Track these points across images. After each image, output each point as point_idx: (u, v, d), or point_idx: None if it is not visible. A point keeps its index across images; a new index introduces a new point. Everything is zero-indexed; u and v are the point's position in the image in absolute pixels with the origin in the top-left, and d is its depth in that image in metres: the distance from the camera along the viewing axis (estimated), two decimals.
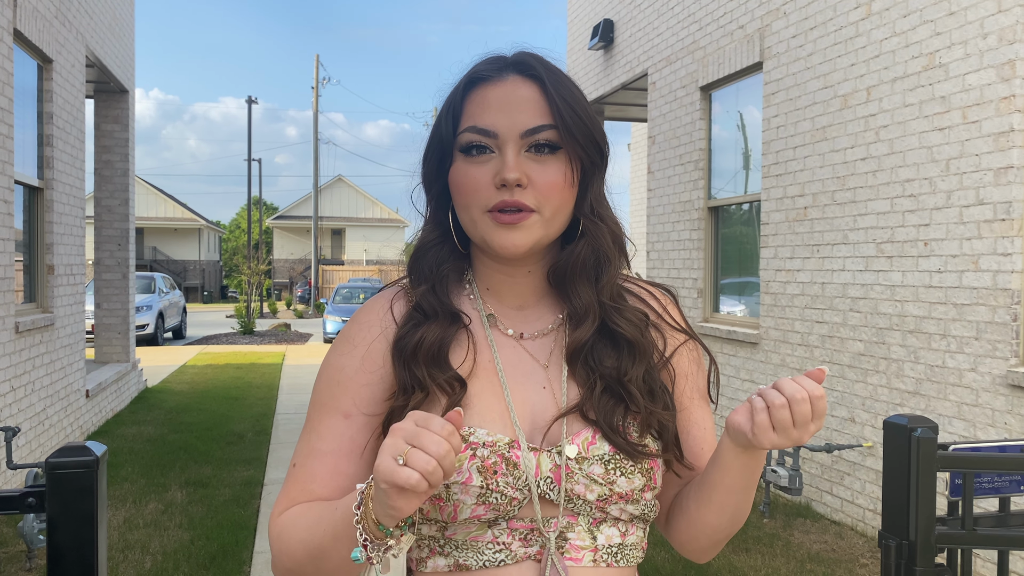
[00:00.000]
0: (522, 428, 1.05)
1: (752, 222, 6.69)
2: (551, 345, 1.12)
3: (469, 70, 1.11)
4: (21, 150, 6.14)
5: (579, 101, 1.09)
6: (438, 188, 1.12)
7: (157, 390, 10.70)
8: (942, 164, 4.50)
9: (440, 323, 1.08)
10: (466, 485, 1.00)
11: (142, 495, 5.68)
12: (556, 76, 1.09)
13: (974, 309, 4.28)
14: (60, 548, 1.40)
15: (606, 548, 1.05)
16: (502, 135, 1.05)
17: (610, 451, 1.04)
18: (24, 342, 5.94)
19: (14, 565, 4.32)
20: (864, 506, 5.10)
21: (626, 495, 1.04)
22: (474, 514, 1.01)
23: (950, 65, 4.45)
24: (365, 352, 1.10)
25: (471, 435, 1.02)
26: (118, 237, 9.57)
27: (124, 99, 9.59)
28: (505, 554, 1.03)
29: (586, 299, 1.10)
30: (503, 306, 1.14)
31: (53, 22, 6.70)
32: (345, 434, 1.07)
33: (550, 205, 1.06)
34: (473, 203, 1.06)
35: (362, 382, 1.08)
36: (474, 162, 1.06)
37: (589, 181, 1.11)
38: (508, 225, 1.05)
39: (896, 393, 4.83)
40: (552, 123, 1.06)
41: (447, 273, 1.12)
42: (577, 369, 1.09)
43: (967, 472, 1.68)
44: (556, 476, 1.02)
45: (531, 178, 1.05)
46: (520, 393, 1.07)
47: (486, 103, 1.07)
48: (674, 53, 7.69)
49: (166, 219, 44.02)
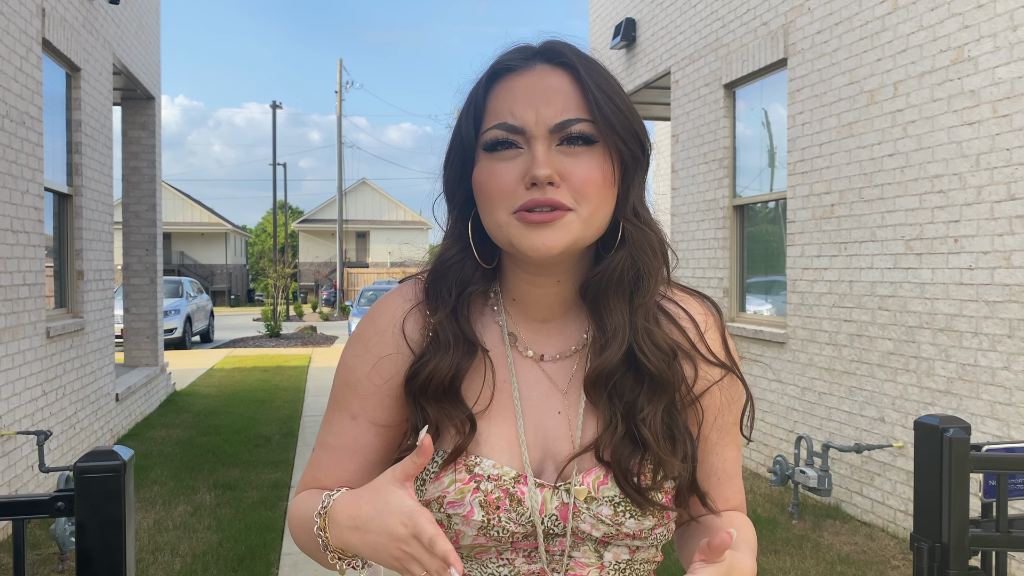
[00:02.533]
0: (532, 458, 0.98)
1: (778, 220, 6.62)
2: (572, 368, 1.03)
3: (492, 61, 1.00)
4: (51, 157, 6.23)
5: (616, 89, 0.98)
6: (461, 195, 1.02)
7: (185, 393, 10.81)
8: (972, 159, 4.42)
9: (454, 354, 0.99)
10: (467, 518, 0.96)
11: (171, 497, 5.73)
12: (589, 63, 0.98)
13: (1006, 306, 4.21)
14: (89, 551, 1.41)
15: (613, 564, 1.00)
16: (529, 130, 0.94)
17: (621, 494, 0.97)
18: (55, 347, 6.03)
19: (47, 567, 4.38)
20: (895, 507, 5.03)
21: (634, 534, 0.98)
22: (475, 542, 0.98)
23: (979, 58, 4.38)
24: (375, 364, 1.04)
25: (476, 466, 0.97)
26: (146, 242, 9.69)
27: (151, 106, 9.71)
28: (508, 569, 0.99)
29: (618, 319, 0.99)
30: (527, 318, 1.04)
31: (81, 31, 6.80)
32: (350, 434, 1.06)
33: (588, 203, 0.94)
34: (499, 205, 0.95)
35: (370, 390, 1.04)
36: (499, 159, 0.95)
37: (631, 179, 0.99)
38: (538, 225, 0.93)
39: (927, 392, 4.76)
40: (587, 116, 0.95)
41: (470, 296, 1.02)
42: (601, 400, 0.99)
43: (1001, 473, 1.65)
44: (562, 514, 0.97)
45: (564, 174, 0.93)
46: (533, 418, 1.00)
47: (512, 96, 0.96)
48: (697, 51, 7.64)
49: (193, 224, 44.51)
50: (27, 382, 5.42)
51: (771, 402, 6.38)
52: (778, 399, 6.30)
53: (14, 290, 5.17)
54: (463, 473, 0.97)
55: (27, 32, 5.50)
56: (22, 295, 5.30)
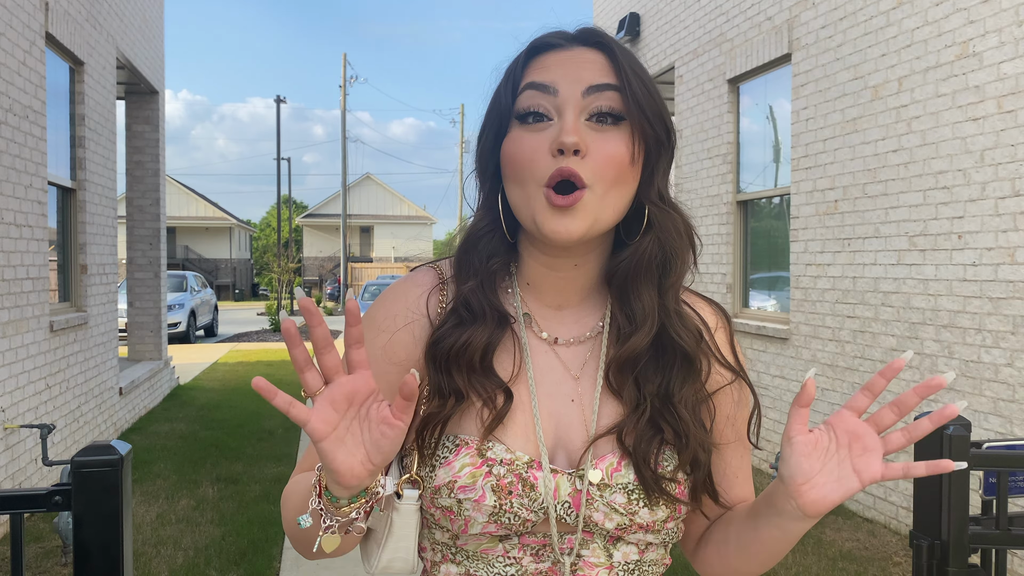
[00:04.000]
0: (545, 445, 0.97)
1: (782, 216, 6.61)
2: (585, 355, 1.02)
3: (531, 41, 1.01)
4: (54, 152, 6.24)
5: (646, 74, 0.99)
6: (492, 167, 1.01)
7: (189, 387, 10.83)
8: (976, 155, 4.41)
9: (488, 326, 0.98)
10: (479, 503, 0.94)
11: (174, 491, 5.75)
12: (624, 49, 1.00)
13: (1010, 303, 4.19)
14: (86, 545, 1.42)
15: (622, 565, 0.99)
16: (563, 92, 0.94)
17: (635, 481, 0.96)
18: (59, 340, 6.04)
19: (50, 560, 4.39)
20: (897, 503, 5.02)
21: (647, 526, 0.97)
22: (485, 530, 0.96)
23: (984, 54, 4.35)
24: (389, 339, 1.01)
25: (488, 450, 0.95)
26: (150, 236, 9.70)
27: (154, 100, 9.71)
28: (516, 568, 0.97)
29: (647, 303, 0.98)
30: (540, 304, 1.03)
31: (84, 25, 6.80)
32: None
33: (604, 181, 0.94)
34: (528, 175, 0.94)
35: (383, 370, 1.00)
36: (530, 130, 0.95)
37: (655, 163, 0.98)
38: (562, 209, 0.92)
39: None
40: (617, 84, 0.95)
41: (497, 268, 1.01)
42: (623, 385, 0.98)
43: (1002, 470, 1.64)
44: (575, 501, 0.95)
45: (589, 148, 0.93)
46: (547, 405, 0.99)
47: (548, 65, 0.97)
48: (701, 46, 7.62)
49: (197, 218, 44.57)
50: (31, 376, 5.43)
51: (774, 398, 6.37)
52: (781, 395, 6.29)
53: (18, 284, 5.18)
54: (475, 456, 0.95)
55: (30, 26, 5.50)
56: (26, 289, 5.31)
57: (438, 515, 0.97)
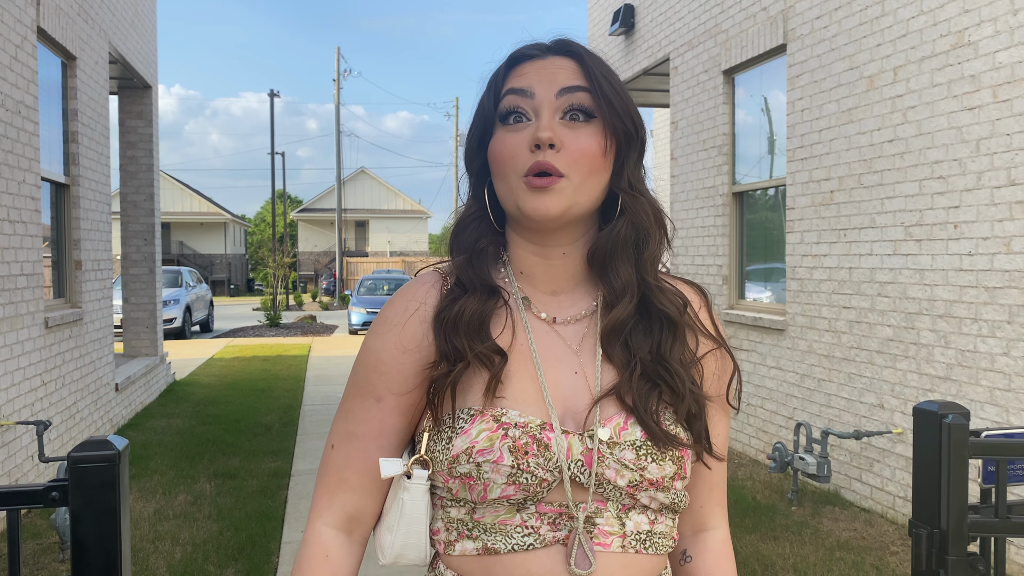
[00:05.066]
0: (555, 410, 1.05)
1: (777, 207, 6.61)
2: (583, 331, 1.11)
3: (511, 53, 1.13)
4: (47, 147, 6.21)
5: (614, 77, 1.11)
6: (478, 163, 1.13)
7: (185, 383, 10.82)
8: (972, 144, 4.41)
9: (479, 296, 1.08)
10: (497, 464, 1.00)
11: (172, 487, 5.74)
12: (593, 56, 1.11)
13: (1006, 292, 4.20)
14: (83, 541, 1.41)
15: (634, 535, 1.05)
16: (539, 94, 1.06)
17: (642, 436, 1.03)
18: (54, 337, 6.02)
19: (48, 556, 4.39)
20: (894, 493, 5.03)
21: (657, 482, 1.04)
22: (504, 494, 1.01)
23: (980, 43, 4.35)
24: (401, 331, 1.10)
25: (503, 415, 1.02)
26: (144, 232, 9.67)
27: (147, 95, 9.67)
28: (533, 538, 1.03)
29: (625, 277, 1.09)
30: (536, 291, 1.13)
31: (76, 19, 6.76)
32: (376, 417, 1.10)
33: (579, 171, 1.05)
34: (510, 169, 1.06)
35: (396, 360, 1.09)
36: (511, 130, 1.07)
37: (625, 156, 1.10)
38: (539, 189, 1.04)
39: (926, 379, 4.76)
40: (587, 86, 1.07)
41: (485, 247, 1.12)
42: (615, 351, 1.08)
43: (1000, 459, 1.64)
44: (587, 459, 1.02)
45: (564, 143, 1.05)
46: (552, 377, 1.07)
47: (525, 72, 1.10)
48: (696, 37, 7.61)
49: (192, 214, 44.46)
50: (26, 372, 5.41)
51: (770, 389, 6.38)
52: (777, 386, 6.30)
53: (12, 280, 5.16)
54: (490, 422, 1.02)
55: (22, 20, 5.46)
56: (20, 285, 5.29)
57: (456, 486, 1.03)
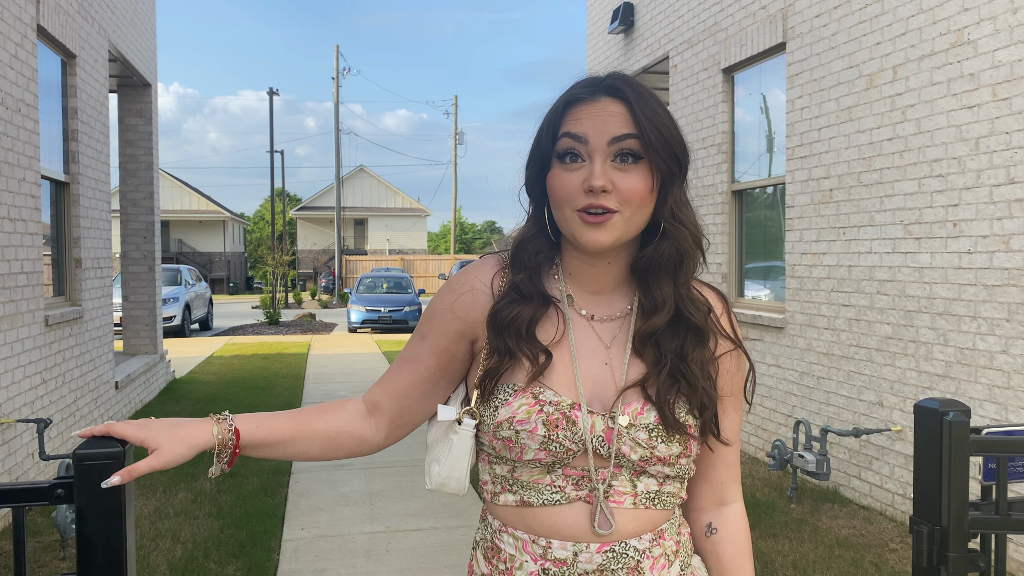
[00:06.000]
0: (583, 394, 1.25)
1: (777, 205, 6.61)
2: (616, 330, 1.30)
3: (567, 91, 1.28)
4: (47, 145, 6.21)
5: (660, 118, 1.24)
6: (537, 190, 1.31)
7: (185, 381, 10.82)
8: (971, 143, 4.41)
9: (533, 304, 1.28)
10: (532, 433, 1.23)
11: (172, 484, 5.75)
12: (642, 96, 1.24)
13: (1005, 290, 4.21)
14: (89, 538, 1.41)
15: (645, 494, 1.26)
16: (592, 141, 1.22)
17: (655, 421, 1.23)
18: (54, 335, 6.03)
19: (48, 554, 4.39)
20: (893, 491, 5.04)
21: (664, 459, 1.24)
22: (536, 456, 1.24)
23: (979, 41, 4.36)
24: (457, 298, 1.34)
25: (540, 394, 1.24)
26: (144, 230, 9.67)
27: (147, 93, 9.66)
28: (560, 495, 1.25)
29: (666, 293, 1.28)
30: (581, 290, 1.32)
31: (76, 17, 6.75)
32: (416, 348, 1.37)
33: (630, 207, 1.22)
34: (565, 204, 1.24)
35: (445, 317, 1.34)
36: (568, 169, 1.24)
37: (669, 188, 1.26)
38: (593, 224, 1.21)
39: (925, 376, 4.77)
40: (635, 133, 1.21)
41: (542, 262, 1.32)
42: (645, 350, 1.27)
43: (1001, 456, 1.65)
44: (607, 436, 1.23)
45: (615, 184, 1.21)
46: (585, 366, 1.27)
47: (580, 116, 1.24)
48: (695, 35, 7.61)
49: (191, 212, 44.42)
50: (26, 370, 5.41)
51: (770, 387, 6.39)
52: (777, 384, 6.31)
53: (12, 278, 5.16)
54: (530, 398, 1.24)
55: (21, 19, 5.46)
56: (20, 283, 5.29)
57: (499, 446, 1.26)
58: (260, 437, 1.34)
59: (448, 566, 4.31)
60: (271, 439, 1.35)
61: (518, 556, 1.29)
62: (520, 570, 1.28)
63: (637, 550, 1.27)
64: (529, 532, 1.28)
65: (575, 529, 1.26)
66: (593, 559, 1.25)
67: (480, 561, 1.36)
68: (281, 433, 1.35)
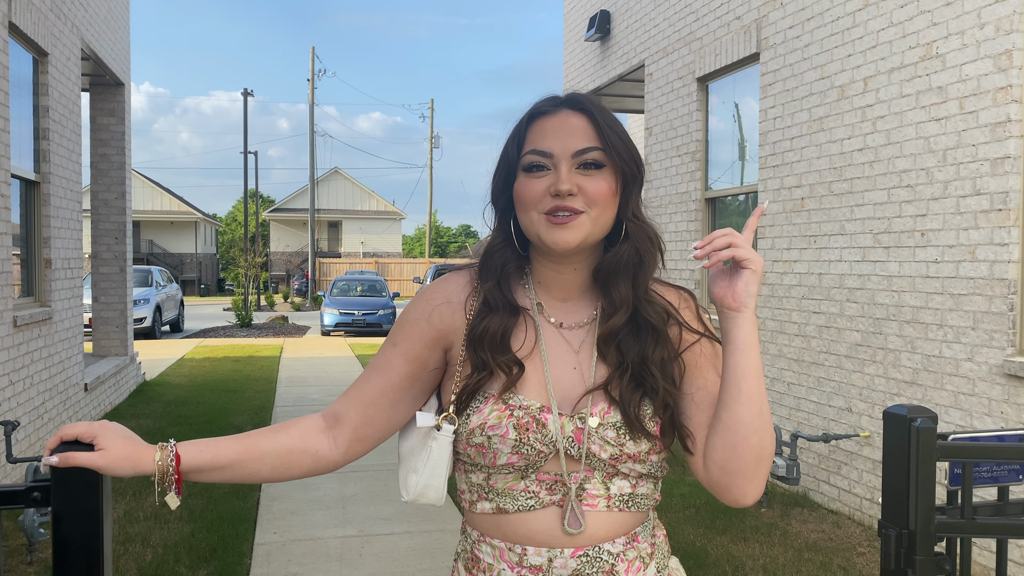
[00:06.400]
0: (555, 399, 1.29)
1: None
2: (584, 336, 1.35)
3: (531, 107, 1.35)
4: (17, 144, 6.12)
5: (619, 127, 1.31)
6: (503, 201, 1.35)
7: (155, 383, 10.70)
8: (939, 154, 4.50)
9: (502, 315, 1.32)
10: (504, 437, 1.26)
11: (142, 488, 5.68)
12: (600, 109, 1.32)
13: (971, 299, 4.30)
14: (66, 542, 1.41)
15: (618, 496, 1.29)
16: (557, 155, 1.28)
17: (621, 420, 1.27)
18: (22, 336, 5.94)
19: (15, 558, 4.33)
20: (861, 495, 5.12)
21: (634, 455, 1.27)
22: (509, 461, 1.26)
23: (947, 55, 4.45)
24: (432, 310, 1.36)
25: (511, 399, 1.28)
26: (115, 231, 9.56)
27: (120, 92, 9.56)
28: (535, 500, 1.28)
29: (624, 293, 1.32)
30: (550, 297, 1.37)
31: (48, 15, 6.67)
32: (387, 355, 1.37)
33: (596, 207, 1.28)
34: (532, 208, 1.29)
35: (418, 324, 1.36)
36: (534, 177, 1.30)
37: (629, 191, 1.32)
38: (560, 225, 1.27)
39: (893, 383, 4.85)
40: (598, 145, 1.28)
41: (511, 271, 1.35)
42: (609, 353, 1.31)
43: (967, 461, 1.70)
44: (577, 437, 1.27)
45: (581, 188, 1.27)
46: (555, 371, 1.32)
47: (544, 131, 1.31)
48: (671, 44, 7.69)
49: (163, 212, 43.92)
50: None
51: None
52: None
53: None
54: (500, 404, 1.28)
55: None
56: None
57: (473, 453, 1.29)
58: (204, 462, 1.31)
59: (422, 570, 4.31)
60: (216, 463, 1.31)
61: (496, 565, 1.31)
62: None
63: (611, 553, 1.28)
64: (505, 540, 1.30)
65: (549, 535, 1.28)
66: (568, 564, 1.27)
67: (461, 572, 1.38)
68: (227, 456, 1.32)
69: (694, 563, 4.36)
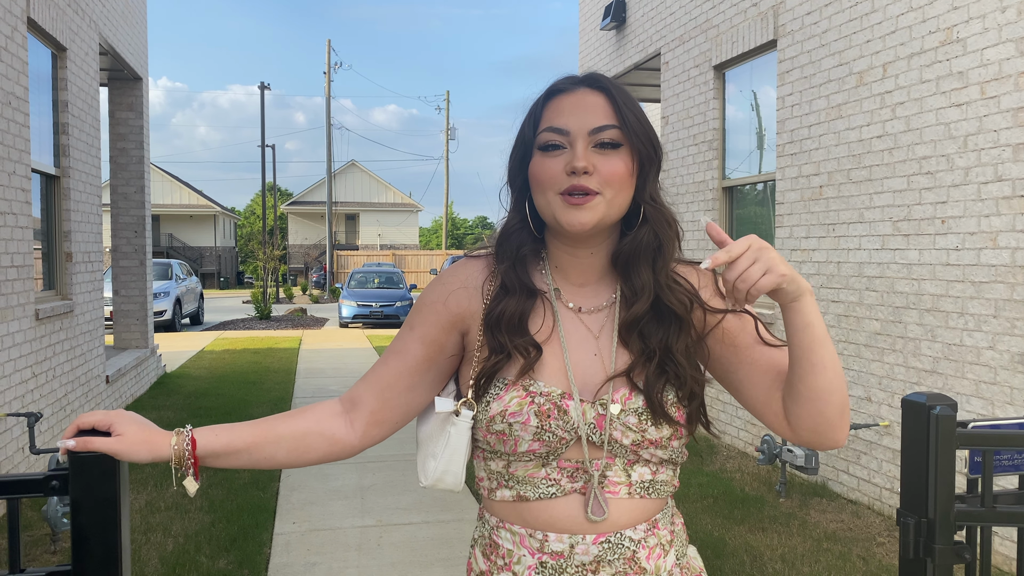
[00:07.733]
0: (576, 385, 1.27)
1: (767, 202, 6.64)
2: (603, 320, 1.32)
3: (549, 86, 1.32)
4: (37, 138, 6.18)
5: (637, 108, 1.29)
6: (520, 181, 1.33)
7: (176, 375, 10.79)
8: (960, 140, 4.45)
9: (519, 297, 1.30)
10: (525, 424, 1.24)
11: (163, 478, 5.74)
12: (619, 88, 1.29)
13: (992, 287, 4.25)
14: (84, 530, 1.42)
15: (639, 483, 1.28)
16: (573, 132, 1.25)
17: (643, 405, 1.26)
18: (44, 329, 6.01)
19: (39, 548, 4.39)
20: (881, 485, 5.08)
21: (655, 441, 1.26)
22: (530, 448, 1.25)
23: (968, 40, 4.39)
24: (449, 294, 1.35)
25: (532, 385, 1.26)
26: (135, 224, 9.63)
27: (138, 86, 9.62)
28: (556, 488, 1.27)
29: (645, 279, 1.29)
30: (567, 283, 1.34)
31: (66, 10, 6.72)
32: (404, 339, 1.36)
33: (611, 188, 1.25)
34: (548, 187, 1.26)
35: (435, 308, 1.35)
36: (550, 156, 1.27)
37: (647, 173, 1.29)
38: (576, 206, 1.24)
39: (913, 372, 4.81)
40: (615, 123, 1.26)
41: (526, 254, 1.33)
42: (631, 339, 1.29)
43: (987, 449, 1.68)
44: (599, 423, 1.26)
45: (596, 167, 1.24)
46: (575, 357, 1.30)
47: (561, 109, 1.28)
48: (687, 32, 7.63)
49: (182, 206, 44.23)
50: (16, 364, 5.40)
51: None
52: None
53: (2, 272, 5.14)
54: (521, 391, 1.26)
55: (12, 11, 5.43)
56: (10, 277, 5.28)
57: (493, 440, 1.28)
58: (220, 446, 1.30)
59: (440, 559, 4.33)
60: (232, 447, 1.31)
61: (516, 551, 1.30)
62: (518, 564, 1.29)
63: (632, 540, 1.28)
64: (526, 526, 1.29)
65: (571, 521, 1.27)
66: (589, 550, 1.27)
67: (479, 558, 1.37)
68: (243, 440, 1.31)
69: (712, 553, 4.35)
